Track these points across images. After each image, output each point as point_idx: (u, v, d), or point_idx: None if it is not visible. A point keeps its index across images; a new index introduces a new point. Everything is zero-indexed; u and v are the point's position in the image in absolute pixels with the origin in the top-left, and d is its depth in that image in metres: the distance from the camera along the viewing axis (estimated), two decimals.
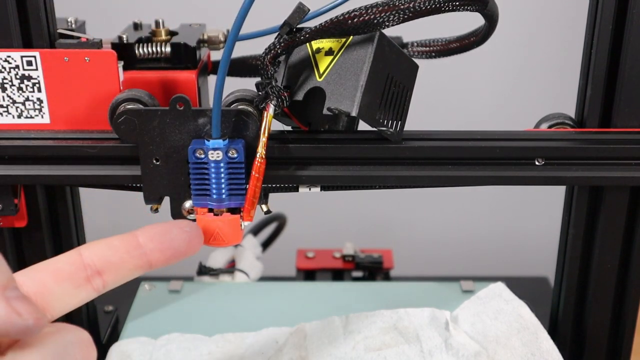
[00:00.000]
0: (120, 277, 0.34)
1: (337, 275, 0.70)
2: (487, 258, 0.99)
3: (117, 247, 0.34)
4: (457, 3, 0.41)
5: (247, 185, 0.43)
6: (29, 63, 0.45)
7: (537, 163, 0.46)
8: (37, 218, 0.50)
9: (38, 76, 0.46)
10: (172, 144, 0.44)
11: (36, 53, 0.45)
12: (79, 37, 0.46)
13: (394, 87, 0.44)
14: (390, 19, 0.41)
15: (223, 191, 0.43)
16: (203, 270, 0.65)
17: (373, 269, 0.69)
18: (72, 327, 0.31)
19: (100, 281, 0.33)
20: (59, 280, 0.32)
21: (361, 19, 0.41)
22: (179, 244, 0.35)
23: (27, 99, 0.46)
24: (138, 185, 0.47)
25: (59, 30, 0.47)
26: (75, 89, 0.46)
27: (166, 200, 0.46)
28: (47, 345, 0.29)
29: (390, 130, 0.44)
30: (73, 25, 0.49)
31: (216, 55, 0.48)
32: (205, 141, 0.42)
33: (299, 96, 0.44)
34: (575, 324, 0.53)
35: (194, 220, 0.44)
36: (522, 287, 0.56)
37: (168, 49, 0.48)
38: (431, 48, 0.53)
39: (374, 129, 0.43)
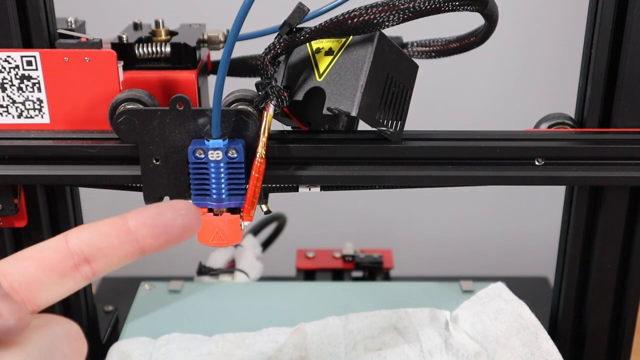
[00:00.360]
0: (110, 264, 0.32)
1: (337, 275, 0.70)
2: (487, 258, 0.99)
3: (106, 233, 0.31)
4: (457, 3, 0.41)
5: (247, 185, 0.43)
6: (29, 63, 0.45)
7: (537, 163, 0.46)
8: (37, 218, 0.50)
9: (38, 76, 0.46)
10: (172, 144, 0.44)
11: (36, 53, 0.45)
12: (79, 37, 0.46)
13: (394, 87, 0.44)
14: (390, 19, 0.41)
15: (223, 191, 0.43)
16: (203, 270, 0.65)
17: (373, 269, 0.69)
18: (60, 319, 0.29)
19: (88, 269, 0.31)
20: (45, 270, 0.30)
21: (361, 19, 0.41)
22: (174, 229, 0.32)
23: (27, 99, 0.46)
24: (138, 185, 0.47)
25: (59, 30, 0.47)
26: (75, 89, 0.46)
27: (166, 200, 0.46)
28: (33, 340, 0.27)
29: (390, 130, 0.44)
30: (73, 25, 0.49)
31: (216, 55, 0.48)
32: (205, 141, 0.42)
33: (299, 96, 0.44)
34: (575, 324, 0.53)
35: None
36: (522, 287, 0.56)
37: (168, 49, 0.48)
38: (431, 48, 0.53)
39: (374, 129, 0.43)
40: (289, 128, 0.47)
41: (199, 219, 0.32)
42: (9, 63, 0.45)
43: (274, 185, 0.47)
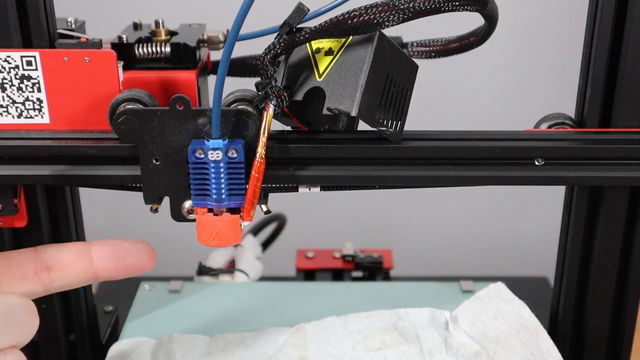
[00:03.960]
0: (68, 276, 0.38)
1: (337, 275, 0.70)
2: (487, 258, 0.99)
3: (69, 248, 0.38)
4: (457, 3, 0.41)
5: (247, 185, 0.43)
6: (29, 63, 0.45)
7: (536, 163, 0.46)
8: (37, 218, 0.50)
9: (38, 76, 0.46)
10: (172, 144, 0.44)
11: (36, 53, 0.45)
12: (78, 37, 0.46)
13: (394, 87, 0.44)
14: (390, 19, 0.41)
15: (223, 191, 0.43)
16: (203, 270, 0.65)
17: (373, 269, 0.69)
18: (17, 296, 0.34)
19: (47, 277, 0.37)
20: (10, 266, 0.36)
21: (361, 19, 0.41)
22: (127, 257, 0.39)
23: (27, 99, 0.46)
24: (138, 185, 0.47)
25: (59, 30, 0.47)
26: (75, 89, 0.46)
27: (166, 200, 0.46)
28: None
29: (390, 130, 0.44)
30: (73, 25, 0.49)
31: (216, 55, 0.48)
32: (205, 141, 0.42)
33: (299, 96, 0.44)
34: (575, 324, 0.53)
35: (194, 220, 0.44)
36: (522, 287, 0.56)
37: (168, 49, 0.48)
38: (431, 48, 0.53)
39: (374, 129, 0.43)
40: (289, 128, 0.47)
41: (153, 256, 0.40)
42: (9, 63, 0.45)
43: (274, 185, 0.47)
